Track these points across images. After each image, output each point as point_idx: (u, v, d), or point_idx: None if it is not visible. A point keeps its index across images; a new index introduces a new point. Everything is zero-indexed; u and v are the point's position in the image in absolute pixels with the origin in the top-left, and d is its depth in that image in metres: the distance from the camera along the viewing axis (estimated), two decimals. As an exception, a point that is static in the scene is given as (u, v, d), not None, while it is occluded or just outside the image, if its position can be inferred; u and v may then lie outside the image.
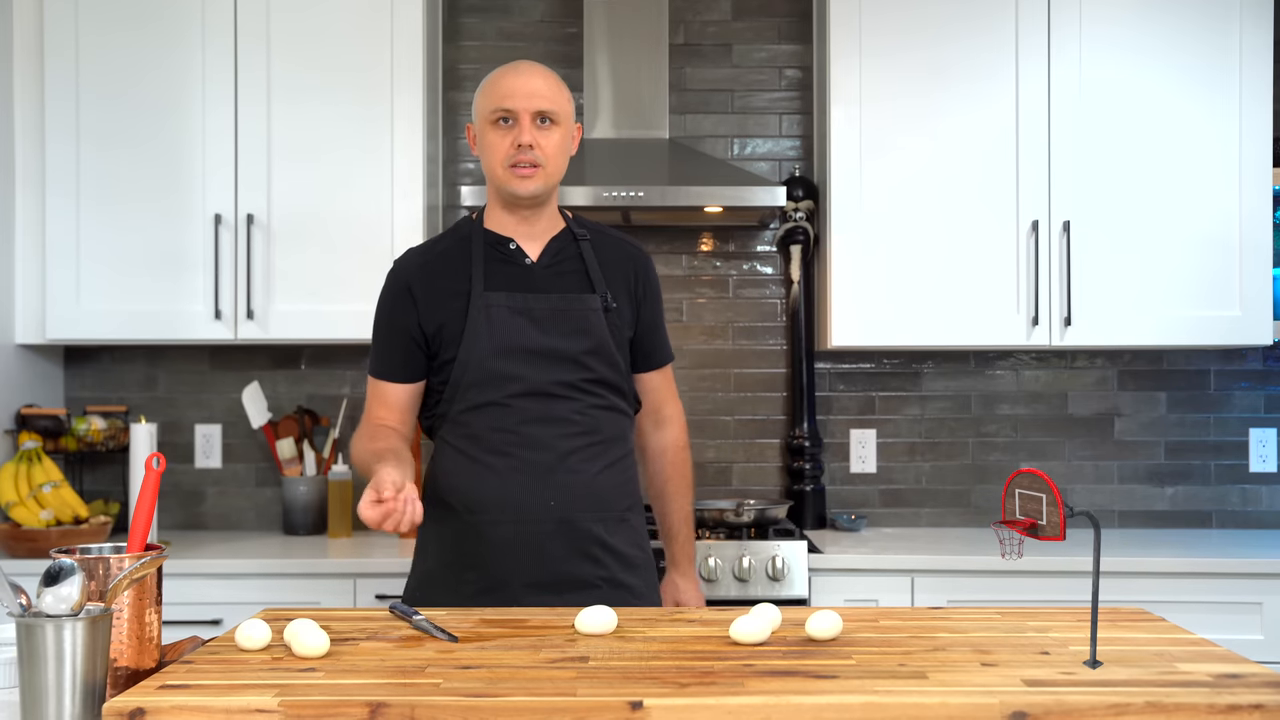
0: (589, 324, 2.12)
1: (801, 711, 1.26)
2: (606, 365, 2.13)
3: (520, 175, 2.08)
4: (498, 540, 2.06)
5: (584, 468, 2.10)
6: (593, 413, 2.12)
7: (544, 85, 2.10)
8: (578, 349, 2.10)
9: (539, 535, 2.06)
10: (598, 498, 2.11)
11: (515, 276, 2.12)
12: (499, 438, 2.07)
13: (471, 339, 2.07)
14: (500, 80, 2.10)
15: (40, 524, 2.97)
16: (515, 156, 2.07)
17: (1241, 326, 3.13)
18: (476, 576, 2.07)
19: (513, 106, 2.07)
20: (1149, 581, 2.87)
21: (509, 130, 2.08)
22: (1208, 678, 1.36)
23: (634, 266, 2.23)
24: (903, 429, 3.52)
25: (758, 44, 3.56)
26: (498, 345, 2.07)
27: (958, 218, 3.16)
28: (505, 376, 2.07)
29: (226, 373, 3.51)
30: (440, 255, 2.17)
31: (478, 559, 2.08)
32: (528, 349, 2.08)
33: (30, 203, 3.20)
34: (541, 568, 2.06)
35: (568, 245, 2.18)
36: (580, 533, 2.09)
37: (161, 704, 1.26)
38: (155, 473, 1.47)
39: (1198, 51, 3.14)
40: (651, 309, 2.25)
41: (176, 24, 3.15)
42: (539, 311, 2.10)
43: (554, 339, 2.09)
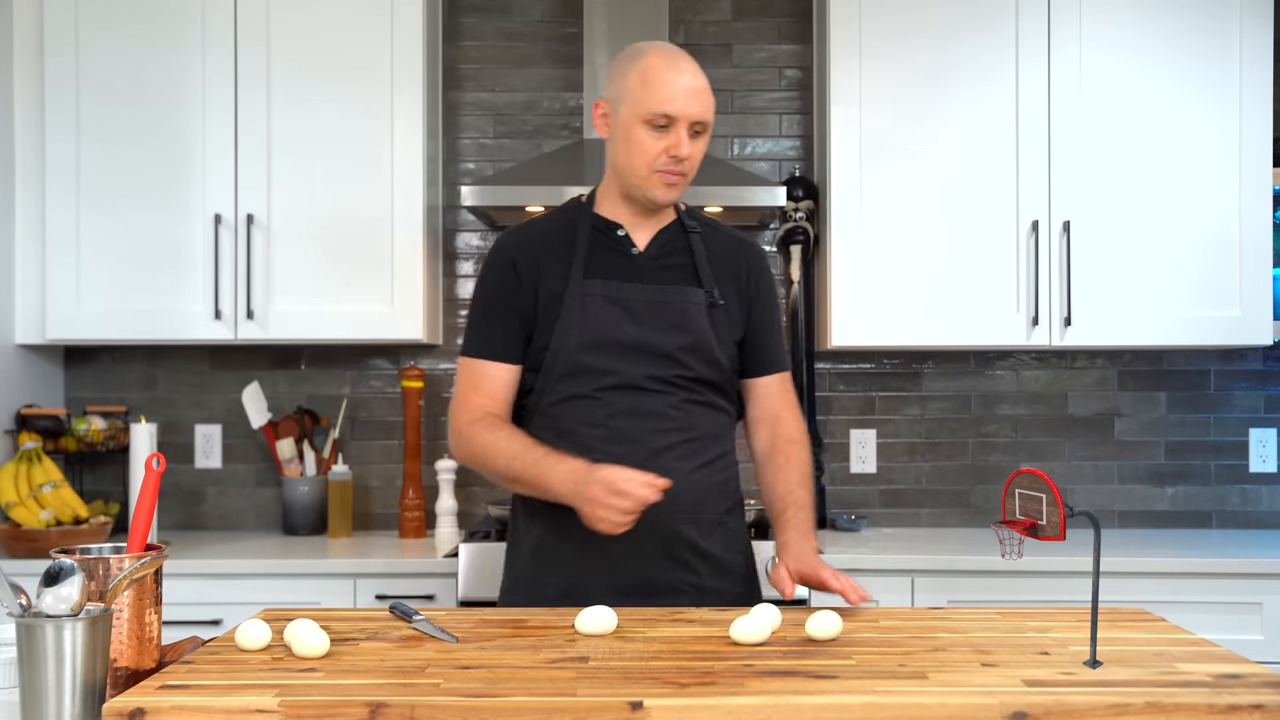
0: (688, 318, 2.01)
1: (801, 712, 1.26)
2: (704, 363, 2.02)
3: (667, 183, 1.98)
4: (583, 542, 1.92)
5: (677, 466, 1.96)
6: (689, 408, 2.01)
7: (705, 90, 1.98)
8: (674, 344, 1.99)
9: (626, 537, 1.89)
10: (691, 498, 1.99)
11: (618, 265, 2.03)
12: (587, 432, 1.96)
13: (564, 328, 1.98)
14: (665, 78, 1.95)
15: (40, 524, 2.97)
16: (666, 164, 1.97)
17: (1241, 327, 3.13)
18: (558, 579, 1.97)
19: (675, 113, 1.95)
20: (1149, 581, 2.87)
21: (664, 135, 1.96)
22: (1208, 678, 1.36)
23: (746, 264, 2.12)
24: (903, 429, 3.52)
25: (758, 44, 3.56)
26: (589, 337, 1.97)
27: (958, 218, 3.16)
28: (595, 370, 1.97)
29: (226, 373, 3.51)
30: (544, 234, 2.07)
31: (562, 562, 1.98)
32: (620, 342, 1.98)
33: (30, 201, 3.20)
34: (628, 571, 1.95)
35: (677, 237, 2.08)
36: (671, 535, 1.97)
37: (161, 704, 1.26)
38: (155, 473, 1.47)
39: (1198, 52, 3.14)
40: (764, 310, 2.12)
41: (176, 24, 3.15)
42: (635, 302, 1.99)
43: (648, 332, 1.98)
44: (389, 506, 3.50)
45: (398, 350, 3.51)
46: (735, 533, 2.09)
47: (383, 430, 3.51)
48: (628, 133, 1.98)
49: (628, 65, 1.99)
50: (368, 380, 3.52)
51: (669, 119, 1.95)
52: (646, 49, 2.00)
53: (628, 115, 1.97)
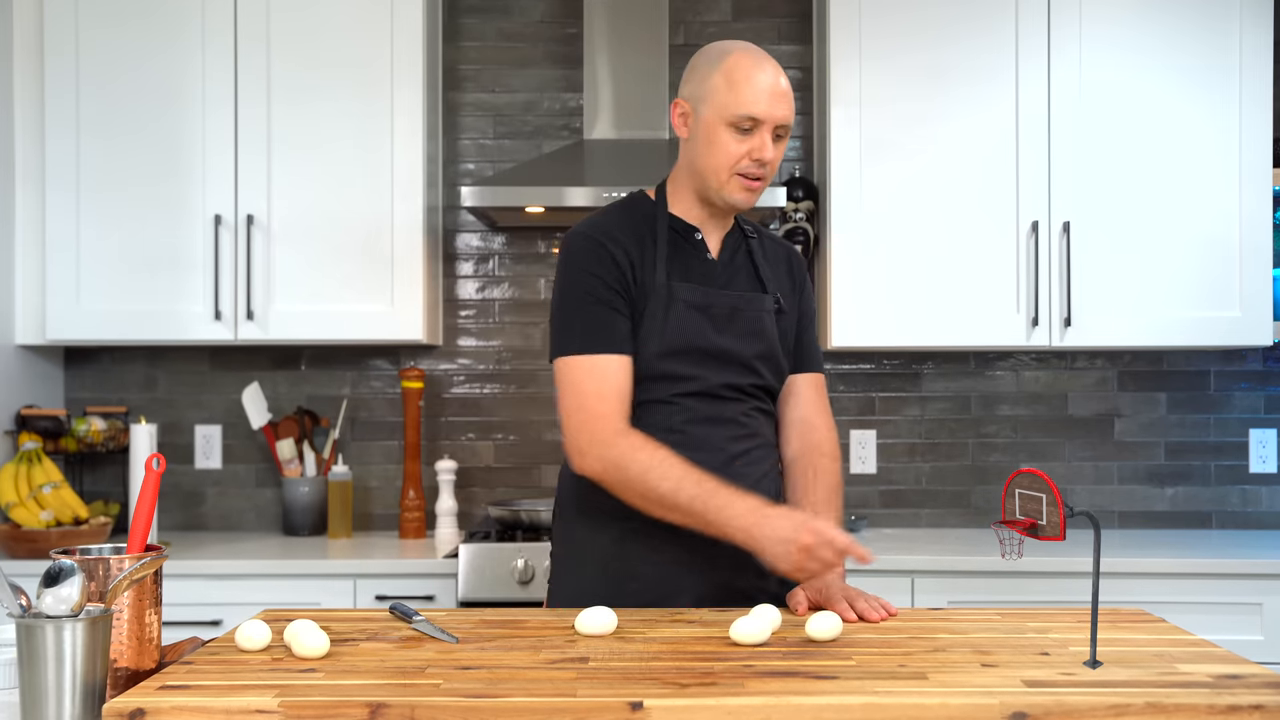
0: (762, 326, 1.99)
1: (801, 712, 1.26)
2: (774, 371, 2.01)
3: (747, 188, 1.93)
4: (663, 549, 1.90)
5: (749, 471, 1.95)
6: (756, 415, 2.00)
7: (789, 91, 1.93)
8: (750, 352, 1.97)
9: (703, 544, 1.85)
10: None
11: (696, 269, 1.97)
12: (664, 438, 1.88)
13: (648, 332, 1.91)
14: (752, 79, 1.90)
15: (40, 525, 2.97)
16: (748, 168, 1.91)
17: (1241, 327, 3.13)
18: (640, 588, 1.91)
19: (761, 115, 1.89)
20: (1149, 582, 2.87)
21: (747, 138, 1.90)
22: (1208, 678, 1.36)
23: (790, 264, 2.11)
24: (903, 429, 3.52)
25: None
26: (673, 343, 1.92)
27: (957, 218, 3.16)
28: (676, 376, 1.93)
29: (226, 373, 3.51)
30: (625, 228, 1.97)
31: (641, 569, 1.92)
32: (703, 349, 1.93)
33: (30, 202, 3.20)
34: (709, 579, 1.91)
35: (740, 242, 2.06)
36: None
37: (161, 704, 1.26)
38: (155, 473, 1.47)
39: (1198, 52, 3.14)
40: (808, 313, 2.12)
41: (176, 23, 3.15)
42: (718, 309, 1.95)
43: (728, 340, 1.95)
44: (389, 507, 3.50)
45: (398, 351, 3.52)
46: None
47: (383, 431, 3.51)
48: (710, 134, 1.92)
49: (710, 65, 1.94)
50: (368, 381, 3.52)
51: (754, 121, 1.90)
52: (731, 48, 1.95)
53: (710, 116, 1.92)
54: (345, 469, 3.31)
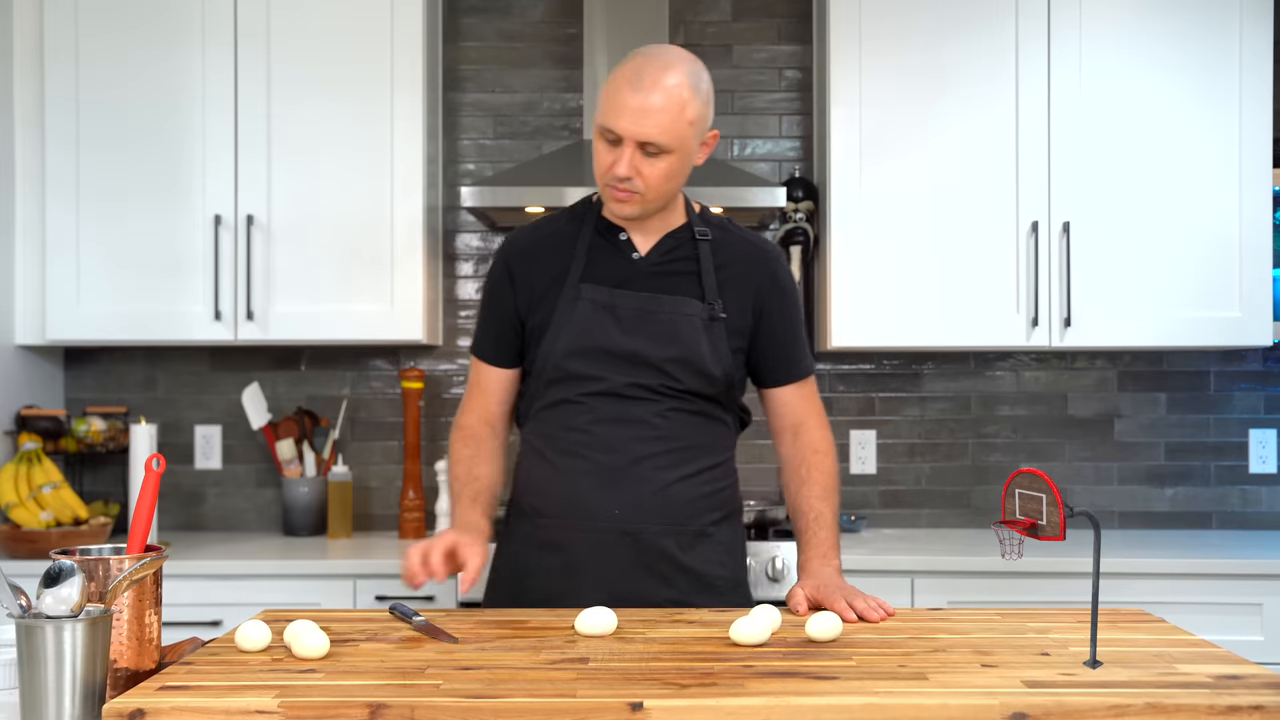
0: (678, 330, 1.94)
1: (801, 712, 1.26)
2: (694, 375, 1.95)
3: (616, 198, 1.92)
4: (563, 549, 1.94)
5: (657, 475, 1.93)
6: (677, 417, 1.95)
7: (660, 111, 1.84)
8: (661, 355, 1.93)
9: (604, 546, 1.90)
10: (669, 509, 1.94)
11: (615, 269, 1.97)
12: (570, 437, 1.94)
13: (555, 332, 1.95)
14: (618, 91, 1.86)
15: (40, 525, 2.97)
16: (612, 180, 1.89)
17: (1241, 327, 3.13)
18: (538, 585, 1.94)
19: (618, 131, 1.86)
20: (1149, 582, 2.87)
21: (612, 149, 1.88)
22: (1208, 679, 1.36)
23: (760, 271, 2.02)
24: (903, 430, 3.52)
25: (758, 44, 3.56)
26: (577, 344, 1.94)
27: (957, 219, 3.16)
28: (581, 376, 1.94)
29: (226, 373, 3.51)
30: (548, 236, 2.02)
31: (543, 568, 1.96)
32: (607, 349, 1.93)
33: (30, 203, 3.20)
34: (606, 583, 1.90)
35: (684, 244, 2.01)
36: (648, 547, 1.92)
37: (161, 705, 1.26)
38: (155, 474, 1.47)
39: (1197, 52, 3.14)
40: (781, 317, 2.03)
41: (176, 25, 3.15)
42: (624, 310, 1.94)
43: (637, 341, 1.93)
44: (389, 507, 3.50)
45: (398, 351, 3.52)
46: (723, 545, 2.01)
47: (383, 431, 3.51)
48: (594, 140, 1.93)
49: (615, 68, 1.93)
50: (368, 381, 3.52)
51: (616, 135, 1.87)
52: (635, 54, 1.91)
53: (595, 122, 1.92)
54: (345, 469, 3.31)
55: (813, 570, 1.93)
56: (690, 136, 1.89)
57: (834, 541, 1.98)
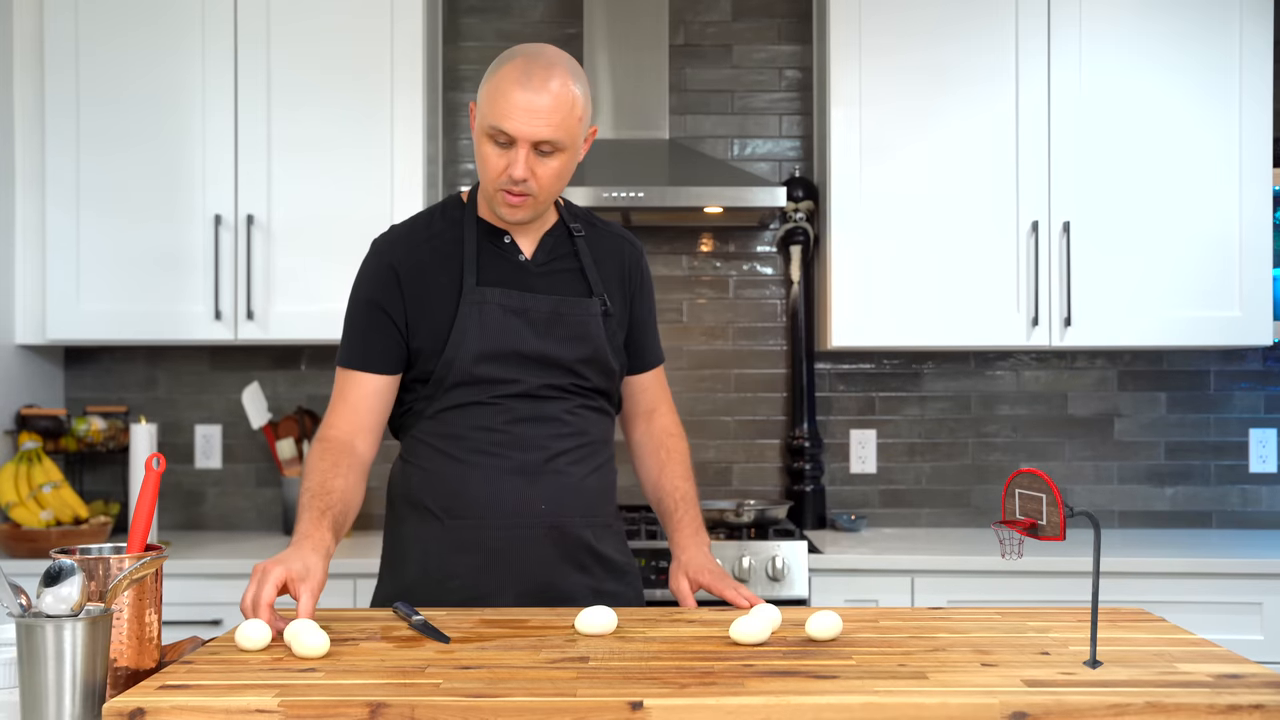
0: (587, 330, 1.97)
1: (801, 712, 1.26)
2: (600, 373, 2.00)
3: (509, 203, 1.89)
4: (485, 547, 1.93)
5: (573, 470, 1.97)
6: (582, 413, 1.99)
7: (552, 109, 1.82)
8: (573, 356, 1.96)
9: (528, 541, 1.93)
10: (587, 502, 1.99)
11: (508, 273, 1.96)
12: (485, 437, 1.94)
13: (459, 337, 1.91)
14: (508, 92, 1.83)
15: (40, 524, 2.97)
16: (506, 184, 1.87)
17: (1241, 327, 3.13)
18: (460, 585, 1.92)
19: (512, 132, 1.83)
20: (1149, 581, 2.87)
21: (504, 152, 1.85)
22: (1208, 678, 1.36)
23: (627, 261, 2.07)
24: (903, 429, 3.52)
25: (758, 44, 3.56)
26: (489, 347, 1.92)
27: (957, 218, 3.16)
28: (494, 379, 1.93)
29: (226, 373, 3.51)
30: (431, 239, 1.98)
31: (462, 567, 1.93)
32: (521, 353, 1.93)
33: (30, 203, 3.20)
34: (531, 576, 1.94)
35: (562, 241, 2.02)
36: (570, 539, 1.96)
37: (161, 704, 1.26)
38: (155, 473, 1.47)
39: (1198, 52, 3.14)
40: (644, 306, 2.10)
41: (177, 25, 3.15)
42: (536, 313, 1.94)
43: (549, 344, 1.95)
44: (389, 507, 3.49)
45: (398, 350, 3.51)
46: (621, 535, 2.08)
47: (383, 430, 3.50)
48: (478, 144, 1.89)
49: (491, 70, 1.88)
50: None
51: (508, 137, 1.84)
52: (515, 54, 1.87)
53: (478, 125, 1.88)
54: (345, 469, 3.30)
55: (690, 552, 2.02)
56: (579, 133, 1.89)
57: (700, 520, 2.08)
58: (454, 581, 1.94)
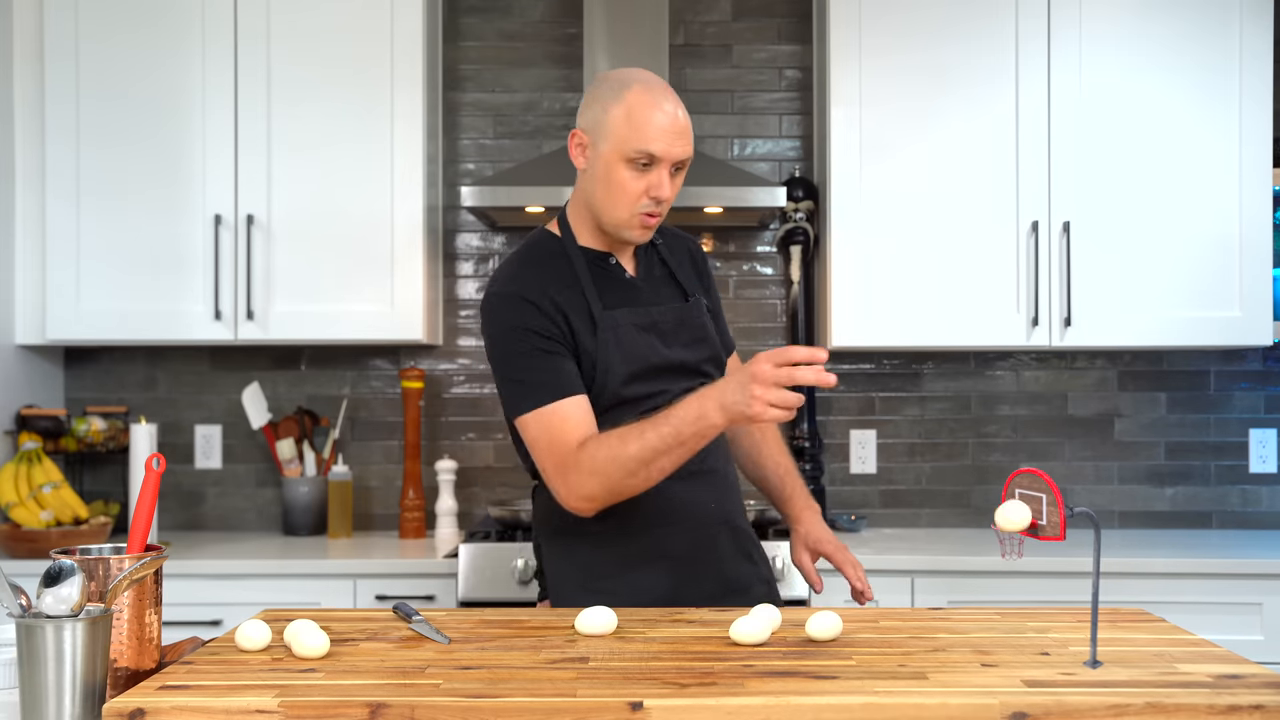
0: (705, 331, 2.05)
1: (801, 712, 1.26)
2: (719, 369, 2.06)
3: (645, 225, 1.93)
4: (671, 554, 1.96)
5: (728, 469, 2.06)
6: None
7: (688, 127, 1.91)
8: (698, 358, 2.02)
9: (706, 541, 1.98)
10: (738, 495, 2.08)
11: (624, 293, 1.99)
12: None
13: (605, 364, 1.92)
14: (651, 115, 1.87)
15: (40, 524, 2.97)
16: (647, 206, 1.90)
17: (1241, 327, 3.13)
18: (653, 600, 1.90)
19: (661, 154, 1.87)
20: (1149, 582, 2.87)
21: (645, 174, 1.89)
22: (1208, 678, 1.36)
23: (692, 254, 2.15)
24: (903, 429, 3.52)
25: (758, 44, 3.56)
26: (633, 367, 1.94)
27: (958, 218, 3.16)
28: (641, 397, 1.94)
29: (226, 373, 3.51)
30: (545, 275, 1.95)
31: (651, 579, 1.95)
32: (660, 366, 1.97)
33: (30, 203, 3.20)
34: (717, 574, 1.98)
35: (649, 252, 2.08)
36: (741, 534, 2.04)
37: (161, 704, 1.26)
38: (155, 473, 1.47)
39: (1198, 53, 3.14)
40: (715, 295, 2.18)
41: (177, 25, 3.15)
42: (664, 325, 1.99)
43: (678, 351, 2.00)
44: (389, 507, 3.50)
45: (398, 350, 3.52)
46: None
47: (383, 431, 3.51)
48: (608, 170, 1.90)
49: (611, 97, 1.91)
50: (368, 380, 3.52)
51: (653, 158, 1.88)
52: (630, 80, 1.91)
53: (609, 152, 1.90)
54: (345, 469, 3.31)
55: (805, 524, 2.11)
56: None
57: (807, 490, 2.17)
58: (647, 595, 1.92)
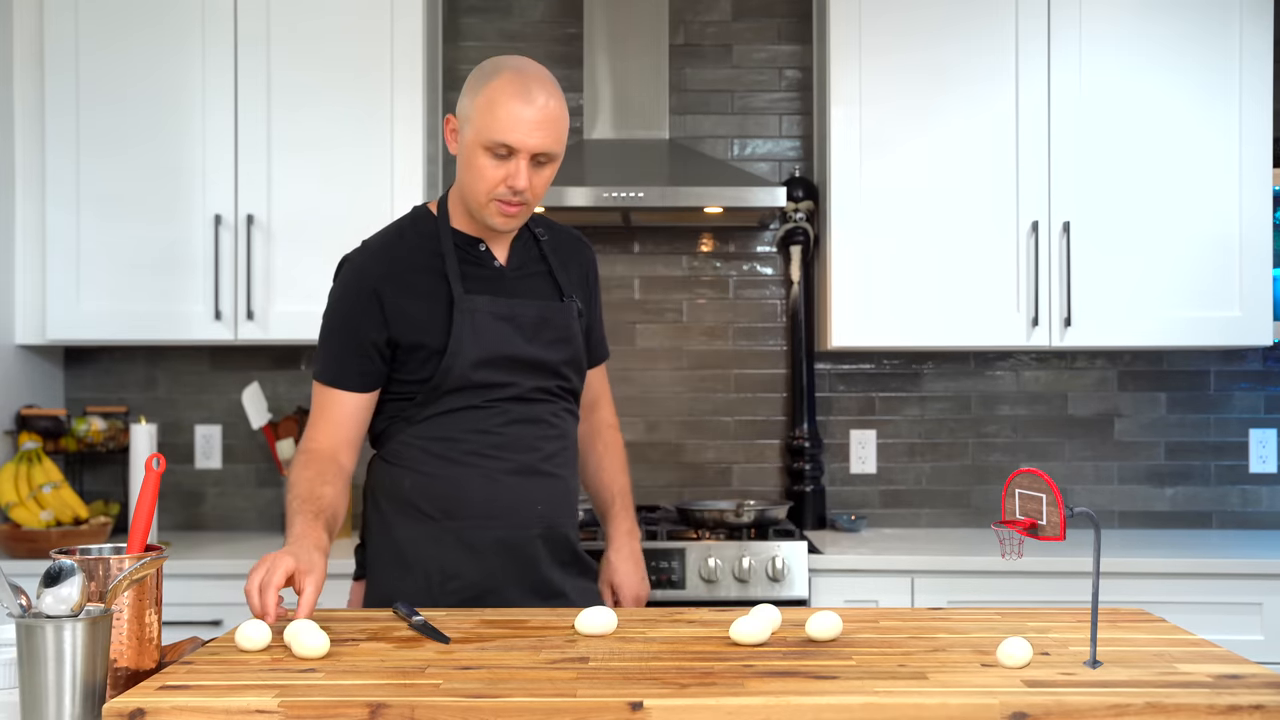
0: (569, 333, 2.05)
1: (801, 712, 1.26)
2: (578, 374, 2.09)
3: (506, 213, 1.94)
4: (486, 547, 1.98)
5: (561, 471, 2.05)
6: (564, 416, 2.07)
7: (552, 120, 1.89)
8: (558, 359, 2.03)
9: (526, 540, 2.00)
10: (571, 503, 2.08)
11: (487, 280, 2.00)
12: (481, 439, 1.98)
13: (456, 345, 1.94)
14: (508, 106, 1.87)
15: (40, 525, 2.96)
16: (504, 194, 1.91)
17: (1241, 327, 3.13)
18: (462, 585, 1.96)
19: (516, 144, 1.88)
20: (1149, 582, 2.87)
21: (503, 164, 1.89)
22: (1208, 678, 1.36)
23: (584, 261, 2.16)
24: (903, 429, 3.52)
25: (758, 44, 3.56)
26: (484, 353, 1.95)
27: (958, 218, 3.16)
28: (490, 384, 1.97)
29: (226, 373, 3.51)
30: (408, 253, 2.00)
31: (464, 567, 1.97)
32: (513, 358, 1.98)
33: (31, 203, 3.20)
34: (528, 575, 2.00)
35: (529, 245, 2.08)
36: (559, 539, 2.04)
37: (161, 704, 1.26)
38: (155, 473, 1.47)
39: (1198, 52, 3.14)
40: (597, 303, 2.20)
41: (177, 26, 3.15)
42: (524, 319, 2.00)
43: (538, 348, 2.00)
44: (389, 507, 3.49)
45: (398, 351, 3.51)
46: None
47: (383, 431, 3.51)
48: (470, 157, 1.91)
49: (478, 84, 1.91)
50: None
51: (509, 149, 1.88)
52: (501, 68, 1.91)
53: (471, 139, 1.90)
54: (345, 469, 3.30)
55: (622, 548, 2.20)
56: (565, 142, 1.96)
57: (634, 516, 2.25)
58: (455, 582, 1.97)
